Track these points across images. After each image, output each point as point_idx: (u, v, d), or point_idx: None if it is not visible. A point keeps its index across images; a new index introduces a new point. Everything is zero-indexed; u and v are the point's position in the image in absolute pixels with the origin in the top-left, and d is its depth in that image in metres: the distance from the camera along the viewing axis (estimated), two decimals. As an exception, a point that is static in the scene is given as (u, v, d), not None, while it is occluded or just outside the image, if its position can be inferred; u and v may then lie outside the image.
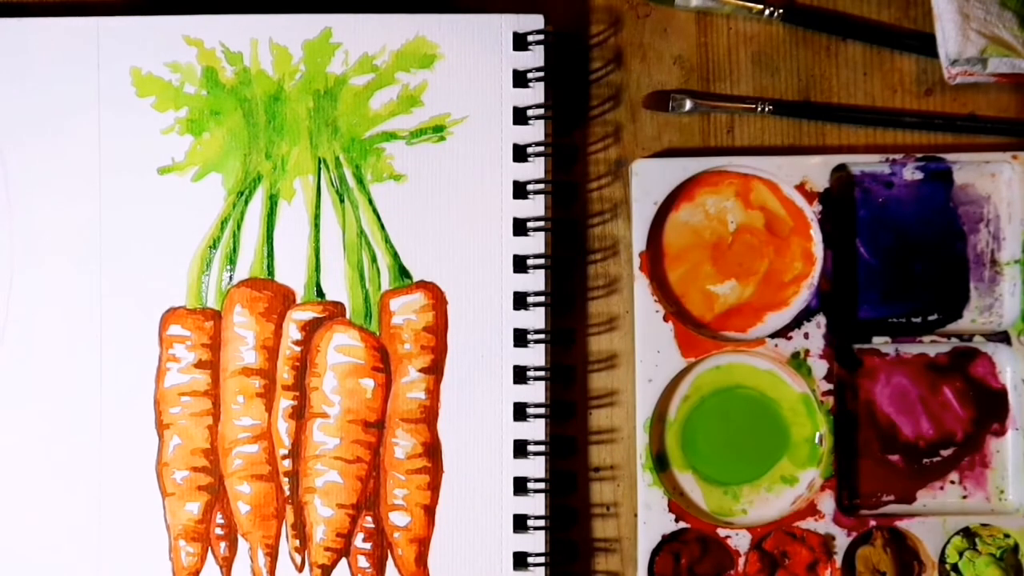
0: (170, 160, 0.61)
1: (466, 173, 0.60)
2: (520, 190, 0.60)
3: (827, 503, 0.60)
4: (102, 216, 0.61)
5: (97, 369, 0.60)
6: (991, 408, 0.61)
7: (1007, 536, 0.60)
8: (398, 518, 0.60)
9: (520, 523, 0.60)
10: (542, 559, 0.60)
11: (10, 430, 0.60)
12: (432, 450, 0.60)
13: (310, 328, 0.61)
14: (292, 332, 0.61)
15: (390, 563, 0.60)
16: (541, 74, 0.60)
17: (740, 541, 0.60)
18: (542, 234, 0.60)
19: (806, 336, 0.61)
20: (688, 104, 0.62)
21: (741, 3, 0.61)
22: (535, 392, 0.60)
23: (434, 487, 0.60)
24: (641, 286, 0.61)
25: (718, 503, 0.61)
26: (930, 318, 0.61)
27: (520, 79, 0.60)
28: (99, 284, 0.60)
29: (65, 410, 0.60)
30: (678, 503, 0.60)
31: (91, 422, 0.60)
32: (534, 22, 0.60)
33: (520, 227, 0.60)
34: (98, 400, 0.60)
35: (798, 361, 0.61)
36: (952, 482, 0.61)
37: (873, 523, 0.60)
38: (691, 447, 0.61)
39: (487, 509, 0.60)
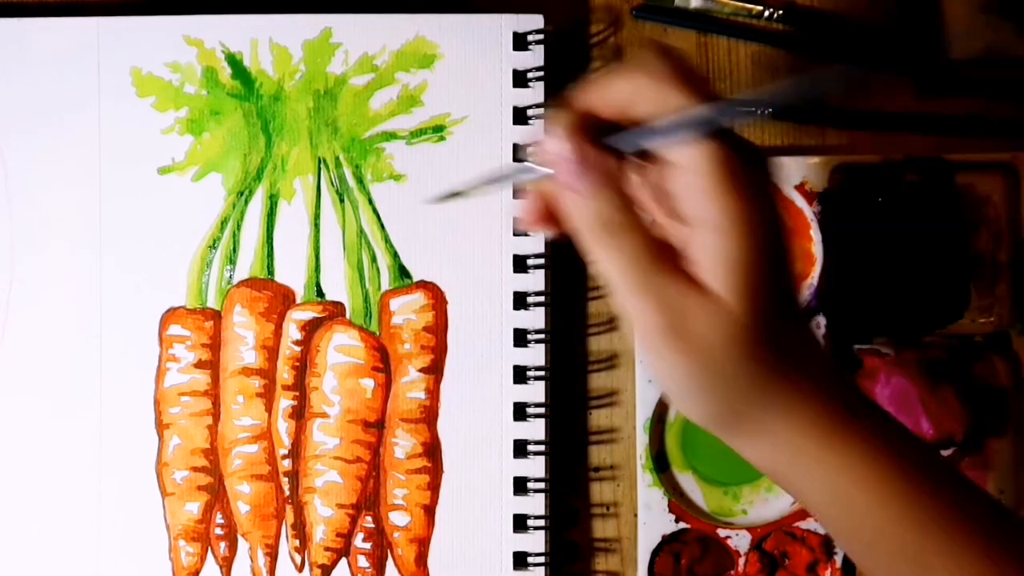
0: (170, 160, 0.61)
1: (466, 173, 0.60)
2: (521, 190, 0.60)
3: (827, 503, 0.60)
4: (102, 216, 0.60)
5: (97, 369, 0.60)
6: (991, 408, 0.61)
7: (1007, 536, 0.60)
8: (398, 518, 0.60)
9: (520, 523, 0.60)
10: (542, 559, 0.60)
11: (10, 430, 0.60)
12: (432, 450, 0.60)
13: (310, 328, 0.61)
14: (292, 332, 0.61)
15: (390, 563, 0.60)
16: (541, 74, 0.60)
17: (740, 541, 0.60)
18: (542, 234, 0.60)
19: (806, 336, 0.60)
20: (688, 107, 0.62)
21: (741, 4, 0.61)
22: (535, 392, 0.60)
23: (434, 487, 0.60)
24: (641, 286, 0.61)
25: (718, 503, 0.61)
26: (930, 318, 0.61)
27: (520, 79, 0.60)
28: (99, 284, 0.60)
29: (65, 410, 0.60)
30: (678, 503, 0.60)
31: (91, 422, 0.60)
32: (534, 22, 0.60)
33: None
34: (98, 400, 0.60)
35: (798, 361, 0.60)
36: (952, 482, 0.61)
37: (873, 523, 0.60)
38: (691, 447, 0.61)
39: (487, 509, 0.60)
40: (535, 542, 0.60)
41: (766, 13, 0.61)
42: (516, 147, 0.60)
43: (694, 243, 0.39)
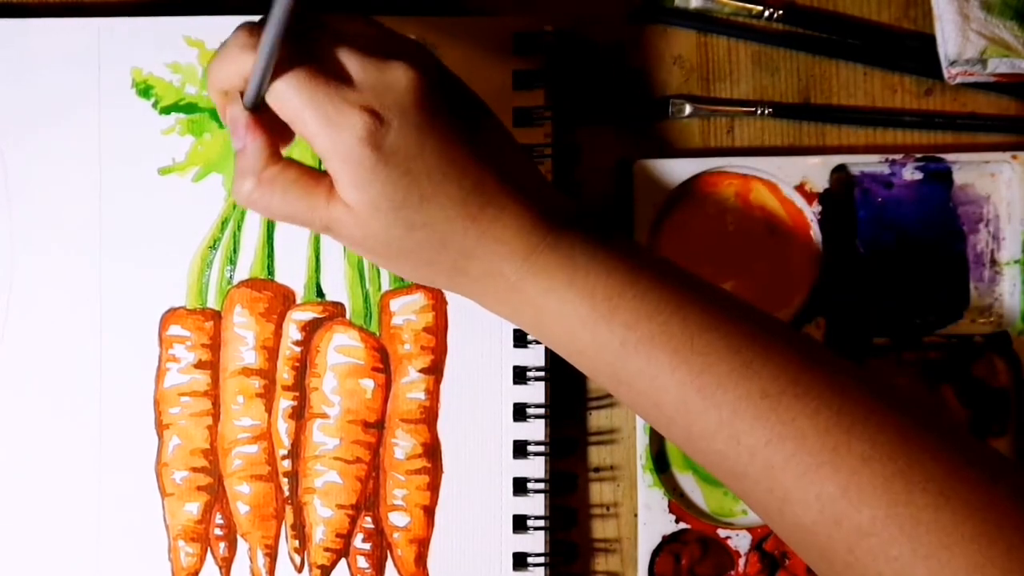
0: (171, 160, 0.61)
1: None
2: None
3: (827, 503, 0.60)
4: (102, 216, 0.61)
5: (97, 369, 0.60)
6: (991, 408, 0.61)
7: (1008, 537, 0.60)
8: (397, 518, 0.60)
9: (520, 523, 0.60)
10: (542, 559, 0.59)
11: (10, 430, 0.60)
12: (432, 450, 0.60)
13: (310, 328, 0.61)
14: (292, 332, 0.61)
15: (389, 563, 0.60)
16: (542, 75, 0.60)
17: (740, 542, 0.60)
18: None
19: (806, 336, 0.61)
20: (688, 109, 0.62)
21: (741, 4, 0.62)
22: (535, 392, 0.60)
23: (434, 487, 0.60)
24: (641, 286, 0.61)
25: (718, 504, 0.61)
26: (930, 318, 0.61)
27: (521, 81, 0.60)
28: (99, 284, 0.60)
29: (65, 410, 0.60)
30: (678, 504, 0.60)
31: (91, 422, 0.60)
32: (535, 23, 0.60)
33: (520, 227, 0.60)
34: (98, 400, 0.60)
35: (798, 361, 0.60)
36: (953, 483, 0.61)
37: (874, 524, 0.60)
38: (691, 448, 0.61)
39: (487, 509, 0.60)
40: (535, 542, 0.60)
41: (766, 13, 0.62)
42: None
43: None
